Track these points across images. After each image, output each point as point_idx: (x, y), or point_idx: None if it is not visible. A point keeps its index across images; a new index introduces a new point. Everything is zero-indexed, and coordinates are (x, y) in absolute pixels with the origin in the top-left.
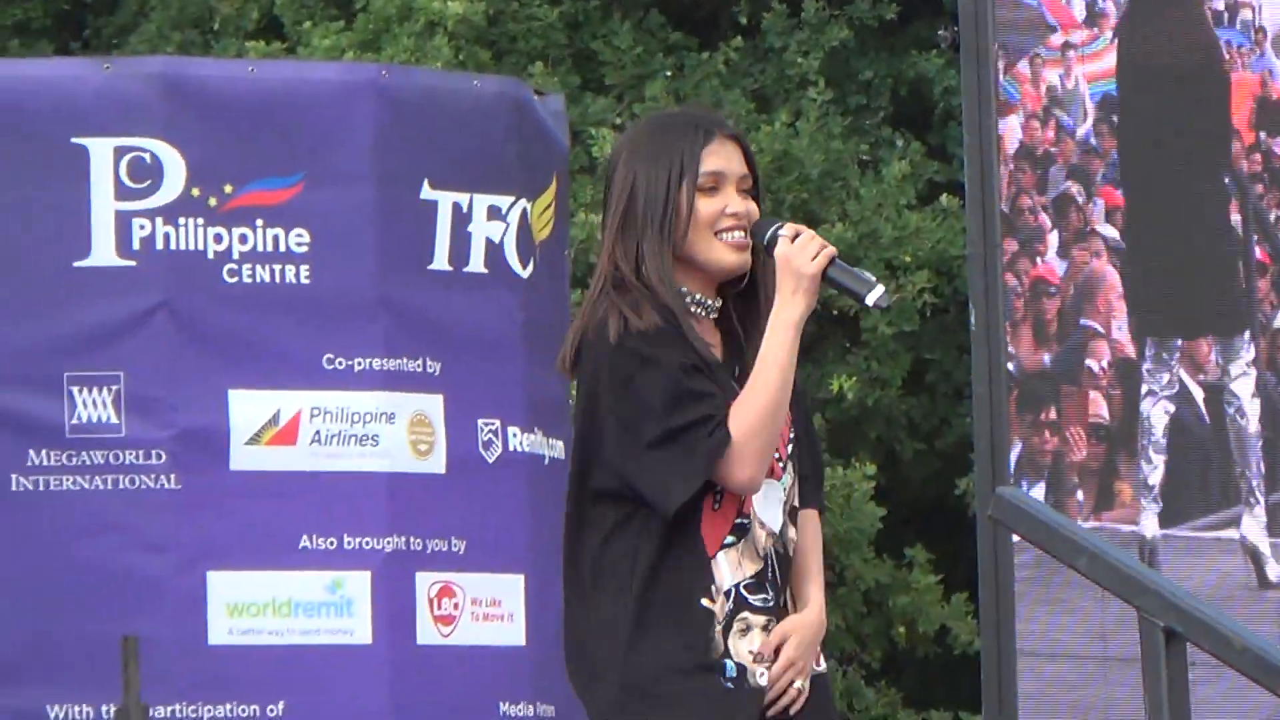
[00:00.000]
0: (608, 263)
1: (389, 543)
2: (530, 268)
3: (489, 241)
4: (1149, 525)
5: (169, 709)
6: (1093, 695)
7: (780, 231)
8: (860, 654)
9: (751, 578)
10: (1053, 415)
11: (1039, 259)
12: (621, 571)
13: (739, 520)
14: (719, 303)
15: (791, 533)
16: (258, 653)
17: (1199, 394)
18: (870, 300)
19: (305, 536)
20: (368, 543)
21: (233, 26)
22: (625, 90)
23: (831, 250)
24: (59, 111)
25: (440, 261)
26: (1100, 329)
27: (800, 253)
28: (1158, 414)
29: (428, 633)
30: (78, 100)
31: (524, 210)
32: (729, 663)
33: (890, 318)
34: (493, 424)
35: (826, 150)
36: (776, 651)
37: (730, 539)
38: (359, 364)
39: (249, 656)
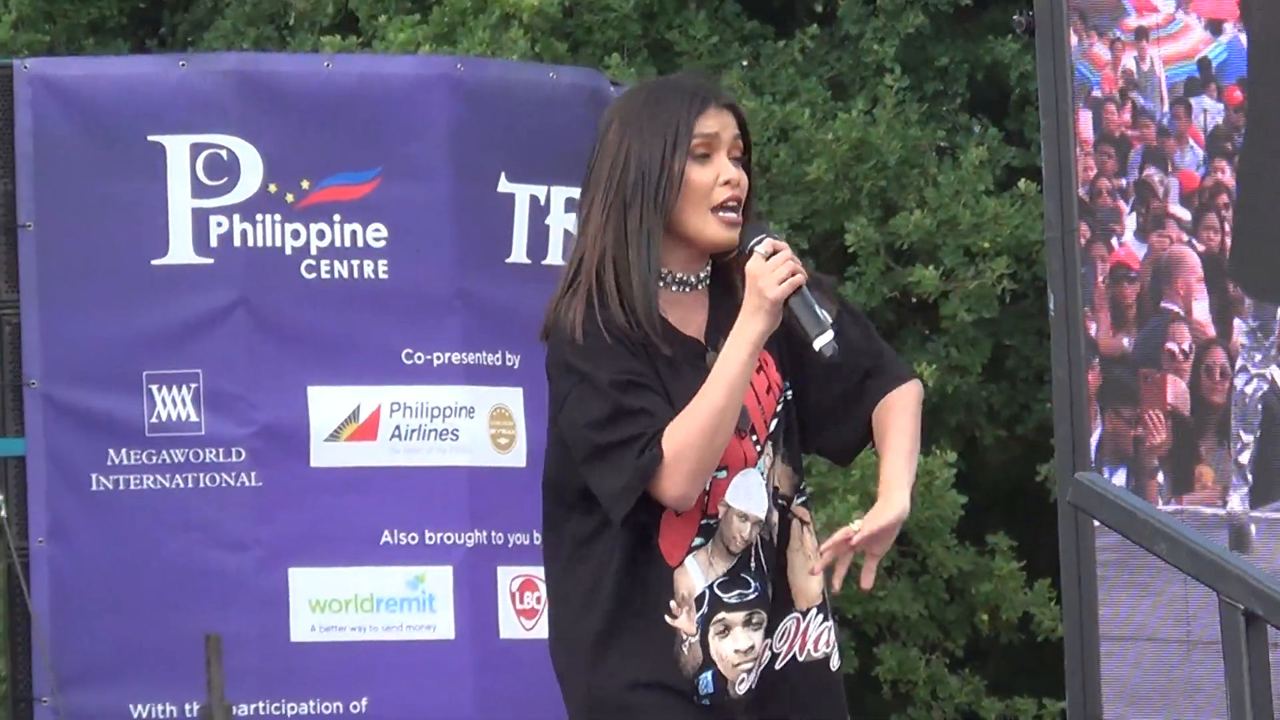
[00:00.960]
0: (591, 241)
1: (470, 537)
2: None
3: (567, 234)
4: (1237, 505)
5: (252, 706)
6: (1176, 678)
7: (758, 246)
8: (944, 641)
9: (725, 575)
10: (1134, 399)
11: (1117, 242)
12: (588, 584)
13: (704, 521)
14: (707, 274)
15: (776, 518)
16: (340, 649)
17: None
18: (816, 345)
19: (386, 532)
20: (449, 538)
21: (308, 21)
22: None
23: (798, 280)
24: (135, 110)
25: (518, 254)
26: (1181, 311)
27: (768, 274)
28: (1251, 392)
29: (511, 627)
30: (154, 98)
31: None
32: (705, 676)
33: (970, 304)
34: None
35: (904, 137)
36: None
37: (698, 541)
38: (438, 358)
39: (331, 653)
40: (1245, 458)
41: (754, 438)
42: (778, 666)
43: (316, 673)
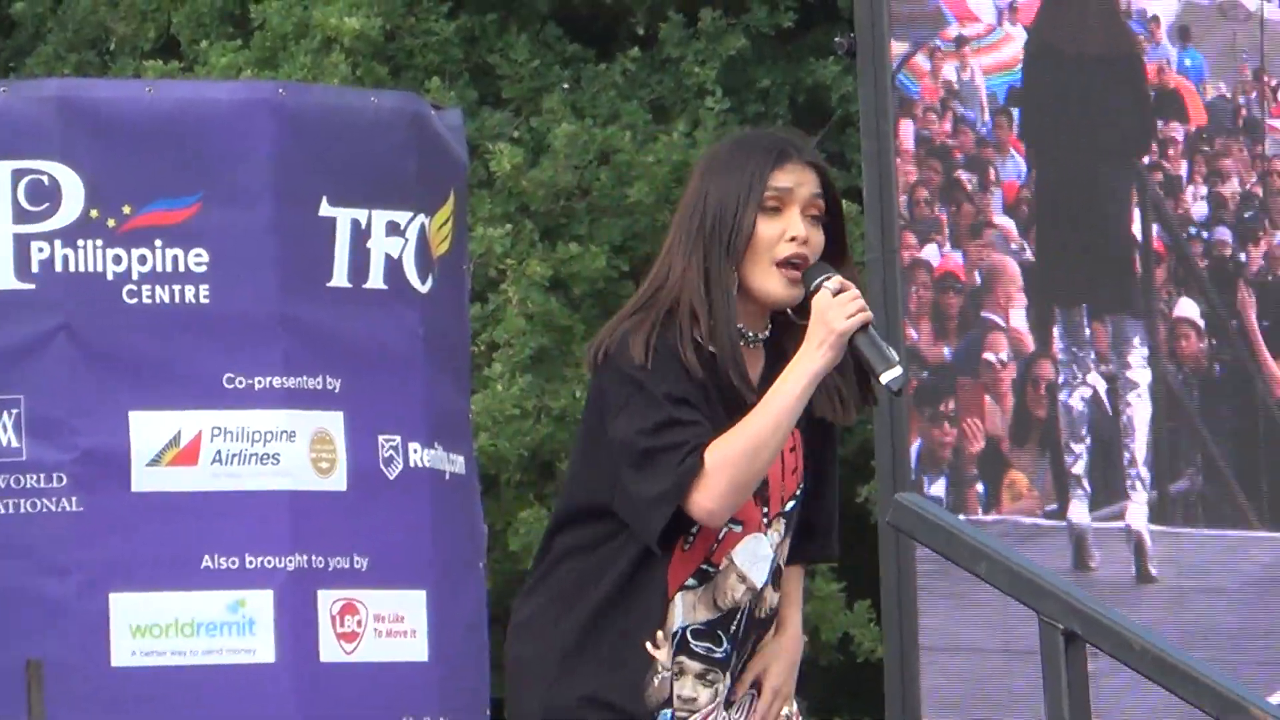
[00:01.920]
0: (670, 277)
1: (291, 561)
2: (429, 283)
3: (388, 257)
4: (1077, 515)
5: None
6: (996, 688)
7: (826, 282)
8: None
9: (702, 624)
10: (951, 409)
11: (939, 253)
12: (583, 590)
13: (704, 566)
14: (767, 331)
15: (772, 597)
16: (161, 674)
17: (1102, 384)
18: (885, 379)
19: (207, 556)
20: (270, 561)
21: (129, 47)
22: (523, 103)
23: (867, 316)
24: None
25: (340, 278)
26: (1000, 321)
27: (836, 308)
28: (1076, 402)
29: (331, 650)
30: None
31: (422, 225)
32: (666, 713)
33: None
34: (394, 440)
35: None
36: (757, 686)
37: (691, 582)
38: (259, 383)
39: (153, 677)
40: (1079, 468)
41: (765, 509)
42: None
43: (137, 697)
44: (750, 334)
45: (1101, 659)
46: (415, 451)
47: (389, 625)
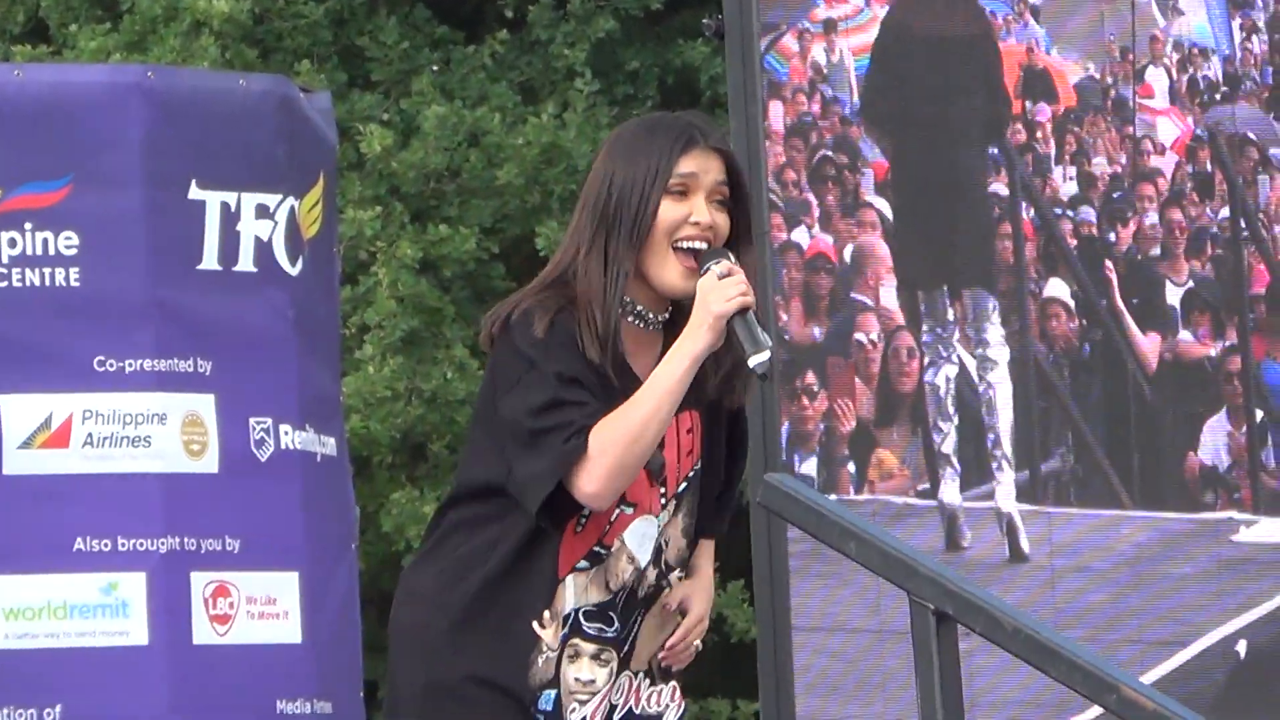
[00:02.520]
0: (572, 257)
1: (163, 543)
2: (299, 265)
3: (258, 240)
4: (949, 495)
5: None
6: (869, 667)
7: (713, 265)
8: None
9: (594, 606)
10: (823, 389)
11: (808, 234)
12: (473, 564)
13: (595, 549)
14: (665, 316)
15: (652, 575)
16: (34, 656)
17: (972, 364)
18: (751, 362)
19: (79, 539)
20: (142, 544)
21: None
22: (392, 86)
23: (747, 300)
24: None
25: (210, 261)
26: (870, 301)
27: (717, 290)
28: (943, 380)
29: (204, 632)
30: None
31: (292, 208)
32: (549, 694)
33: None
34: (265, 422)
35: (594, 141)
36: (653, 664)
37: (583, 564)
38: (130, 365)
39: (25, 660)
40: (948, 446)
41: (662, 490)
42: (615, 718)
43: (10, 680)
44: (646, 313)
45: (975, 638)
46: (287, 433)
47: (261, 607)
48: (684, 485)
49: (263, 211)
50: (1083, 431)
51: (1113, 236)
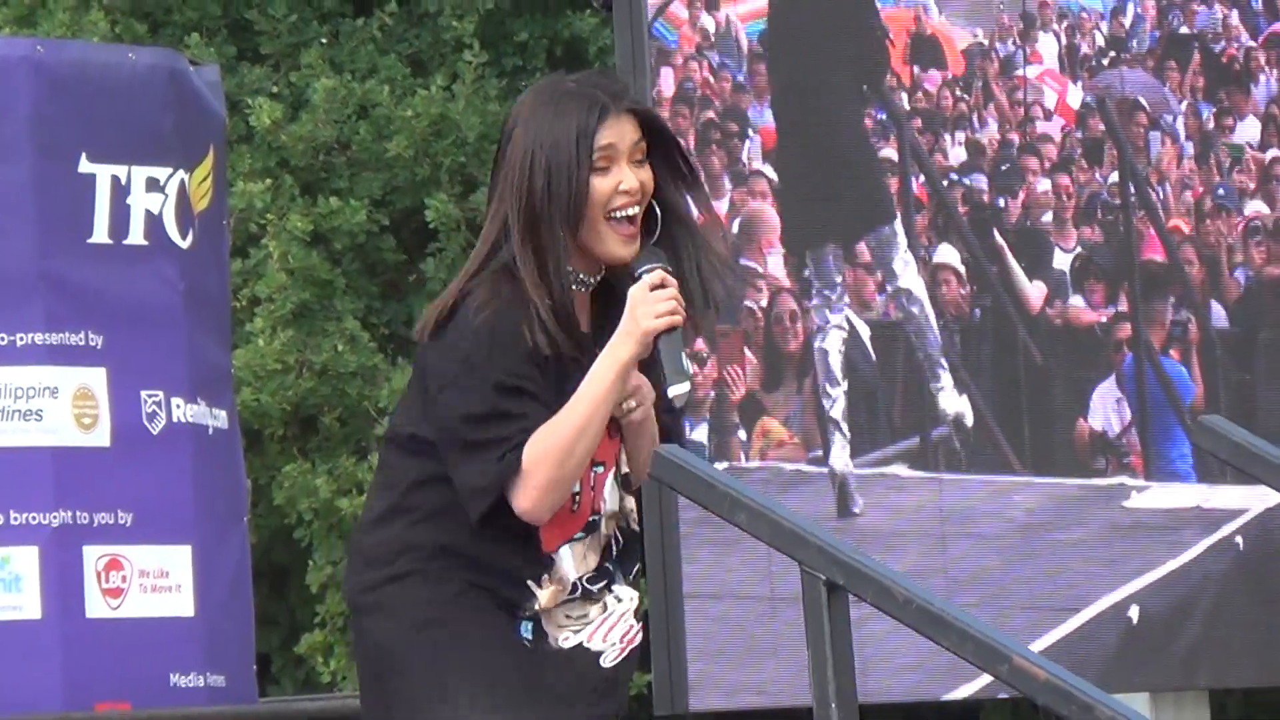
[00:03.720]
0: (501, 239)
1: (55, 517)
2: (190, 238)
3: (148, 213)
4: (839, 461)
5: None
6: (761, 633)
7: (646, 274)
8: None
9: (594, 570)
10: (711, 355)
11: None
12: (447, 555)
13: (592, 518)
14: (600, 275)
15: (629, 503)
16: None
17: (864, 330)
18: (670, 391)
19: None
20: (34, 518)
21: None
22: (281, 59)
23: (675, 320)
24: None
25: (100, 235)
26: (759, 268)
27: (647, 305)
28: (832, 345)
29: (97, 606)
30: None
31: (182, 181)
32: (527, 624)
33: None
34: (156, 396)
35: (483, 113)
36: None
37: (580, 534)
38: (20, 339)
39: None
40: (838, 412)
41: (618, 435)
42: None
43: None
44: (584, 278)
45: (867, 606)
46: (178, 407)
47: (154, 581)
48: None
49: (153, 185)
50: (974, 397)
51: (1002, 203)
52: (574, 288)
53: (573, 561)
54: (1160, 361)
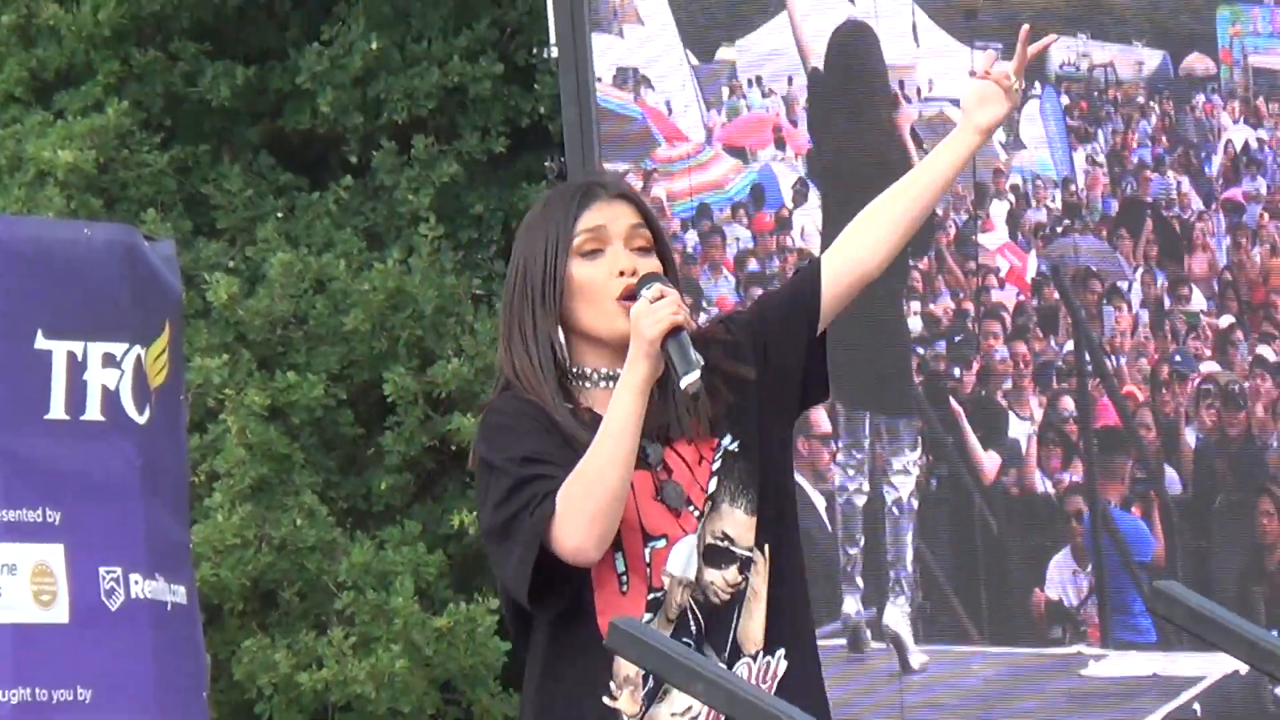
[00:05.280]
0: (504, 350)
1: (15, 695)
2: (147, 414)
3: (105, 389)
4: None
5: None
6: None
7: (644, 291)
8: None
9: None
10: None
11: None
12: (529, 680)
13: (652, 596)
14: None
15: (720, 575)
16: None
17: (819, 500)
18: (682, 383)
19: None
20: None
21: None
22: (237, 233)
23: (677, 319)
24: None
25: (57, 411)
26: None
27: (647, 315)
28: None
29: None
30: None
31: (139, 356)
32: None
33: None
34: (114, 572)
35: (440, 286)
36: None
37: (647, 616)
38: None
39: None
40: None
41: (692, 508)
42: None
43: None
44: (611, 372)
45: None
46: (136, 583)
47: None
48: (713, 481)
49: (109, 360)
50: (930, 566)
51: (958, 372)
52: (605, 385)
53: None
54: (1117, 520)
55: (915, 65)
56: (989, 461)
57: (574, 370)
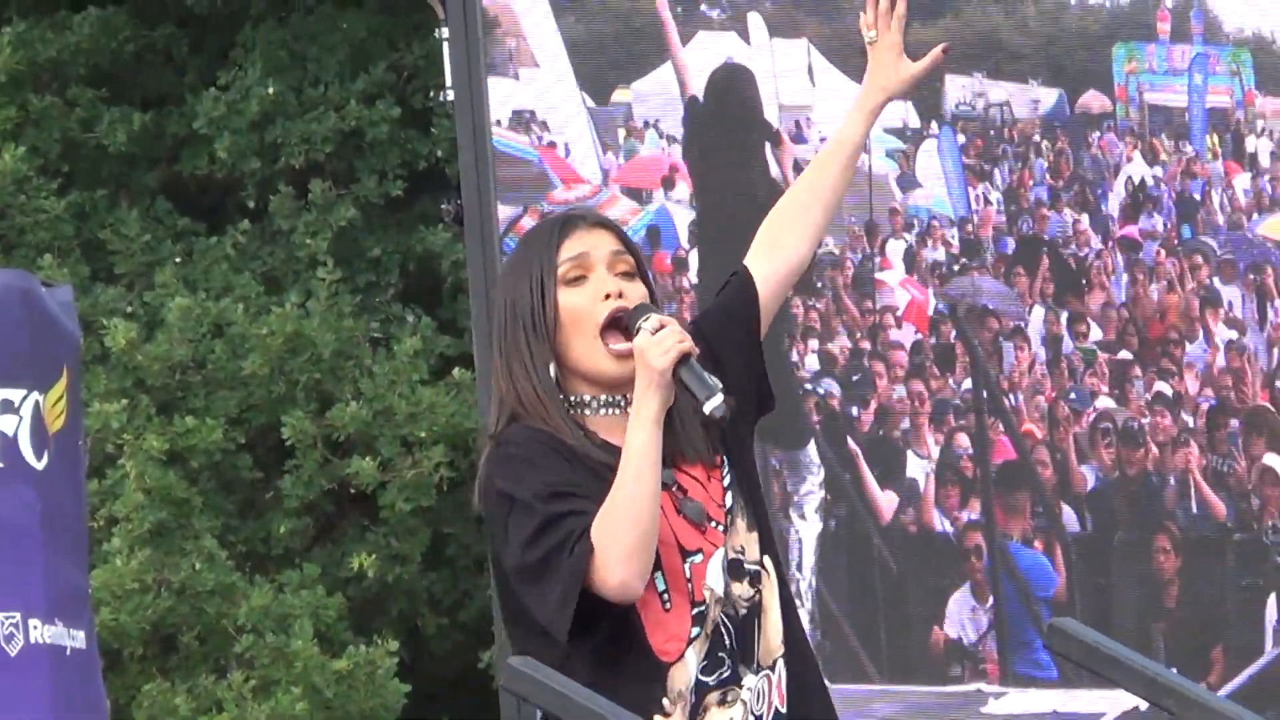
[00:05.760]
0: (504, 389)
1: None
2: (45, 459)
3: (3, 435)
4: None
5: None
6: None
7: (644, 323)
8: None
9: (705, 659)
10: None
11: None
12: None
13: (696, 610)
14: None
15: (739, 589)
16: None
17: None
18: (706, 408)
19: None
20: None
21: None
22: (135, 278)
23: (686, 347)
24: None
25: None
26: None
27: (654, 346)
28: None
29: None
30: None
31: (37, 402)
32: None
33: (408, 494)
34: (13, 617)
35: (338, 329)
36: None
37: (695, 631)
38: None
39: None
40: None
41: (714, 524)
42: None
43: None
44: (612, 399)
45: None
46: (35, 628)
47: None
48: (728, 495)
49: (7, 406)
50: (829, 605)
51: (855, 411)
52: (605, 412)
53: (695, 661)
54: (1018, 557)
55: (812, 105)
56: (886, 500)
57: (571, 398)
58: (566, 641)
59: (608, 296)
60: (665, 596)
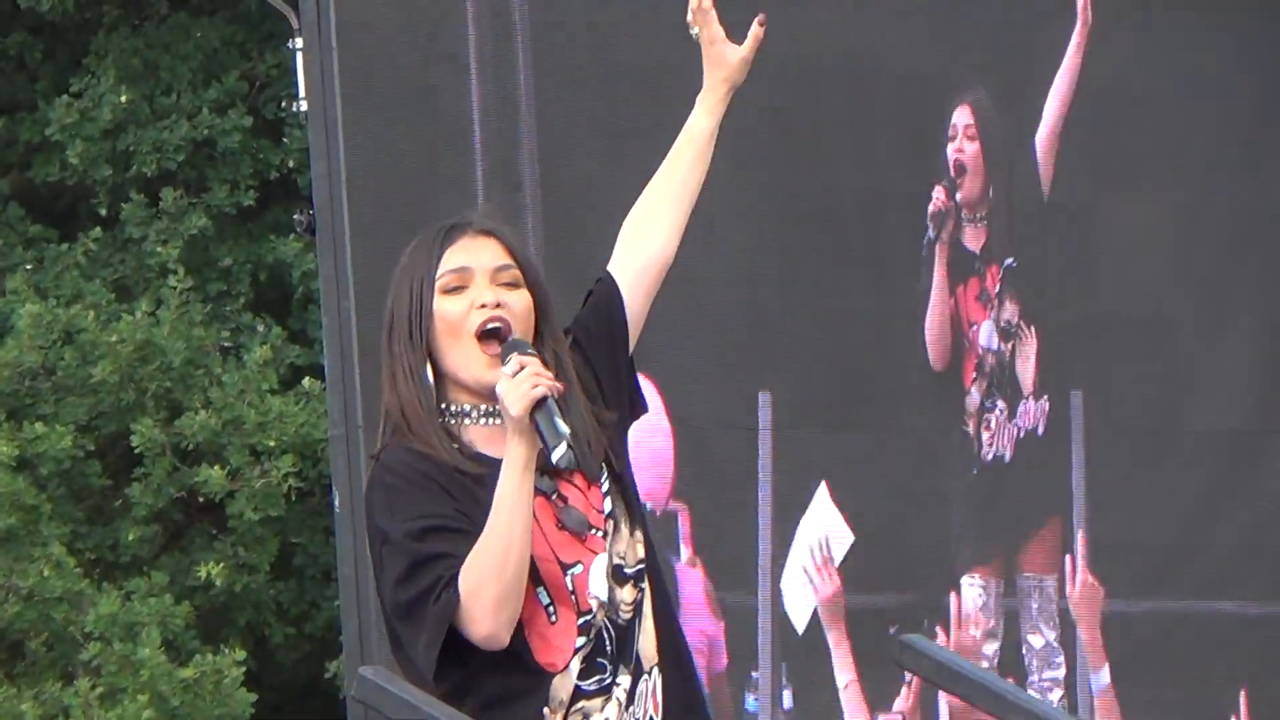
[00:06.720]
0: (389, 399)
1: None
2: None
3: None
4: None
5: None
6: None
7: (505, 366)
8: None
9: (583, 664)
10: None
11: None
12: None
13: (582, 620)
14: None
15: (621, 594)
16: None
17: None
18: (553, 457)
19: None
20: None
21: None
22: None
23: (538, 393)
24: None
25: None
26: None
27: (510, 392)
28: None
29: None
30: None
31: None
32: None
33: (256, 503)
34: None
35: (188, 338)
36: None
37: (581, 640)
38: None
39: None
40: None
41: (595, 531)
42: None
43: None
44: (490, 408)
45: None
46: None
47: None
48: (607, 501)
49: None
50: None
51: None
52: (484, 421)
53: (577, 668)
54: None
55: None
56: None
57: (451, 408)
58: (436, 681)
59: (483, 306)
60: (550, 609)
